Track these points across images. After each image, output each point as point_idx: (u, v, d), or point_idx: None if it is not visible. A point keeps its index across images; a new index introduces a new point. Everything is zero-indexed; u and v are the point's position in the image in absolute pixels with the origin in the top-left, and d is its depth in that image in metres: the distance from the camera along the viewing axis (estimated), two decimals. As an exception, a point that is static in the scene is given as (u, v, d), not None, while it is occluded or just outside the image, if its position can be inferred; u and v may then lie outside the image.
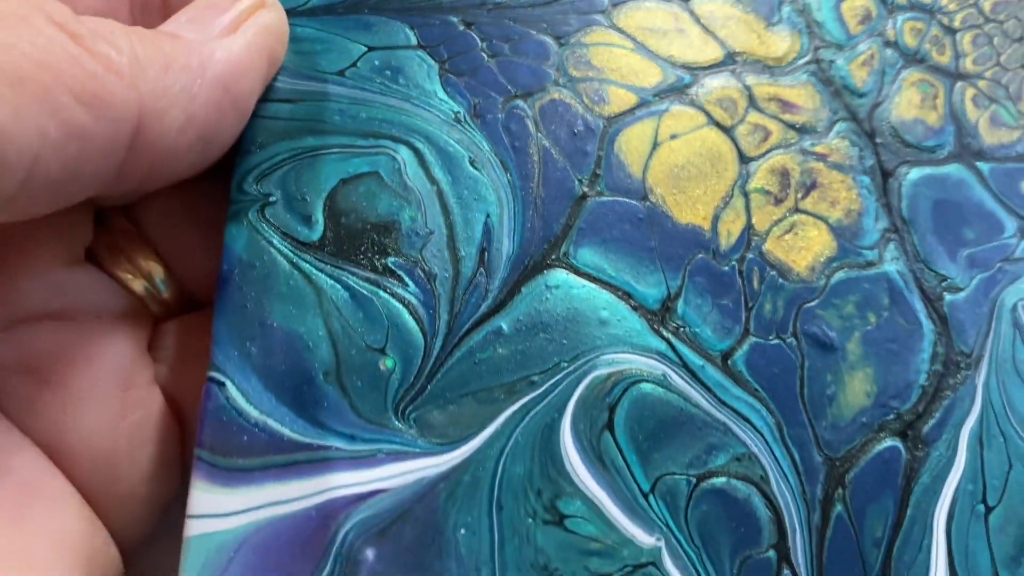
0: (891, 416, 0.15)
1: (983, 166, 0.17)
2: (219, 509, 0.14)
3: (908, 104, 0.17)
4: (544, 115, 0.16)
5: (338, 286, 0.15)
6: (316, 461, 0.14)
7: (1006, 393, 0.15)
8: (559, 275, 0.15)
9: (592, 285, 0.15)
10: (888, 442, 0.15)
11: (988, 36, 0.18)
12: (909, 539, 0.15)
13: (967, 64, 0.17)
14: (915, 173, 0.16)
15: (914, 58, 0.17)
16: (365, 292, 0.15)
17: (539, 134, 0.16)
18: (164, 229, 0.17)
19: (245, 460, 0.14)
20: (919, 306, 0.16)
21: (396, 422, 0.14)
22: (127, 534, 0.16)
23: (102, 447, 0.15)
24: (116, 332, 0.15)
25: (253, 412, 0.14)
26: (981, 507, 0.15)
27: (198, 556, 0.14)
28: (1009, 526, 0.15)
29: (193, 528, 0.14)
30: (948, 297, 0.16)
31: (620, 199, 0.16)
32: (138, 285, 0.16)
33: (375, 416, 0.14)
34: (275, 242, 0.15)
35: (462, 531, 0.14)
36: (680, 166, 0.16)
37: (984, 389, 0.15)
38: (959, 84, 0.17)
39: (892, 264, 0.16)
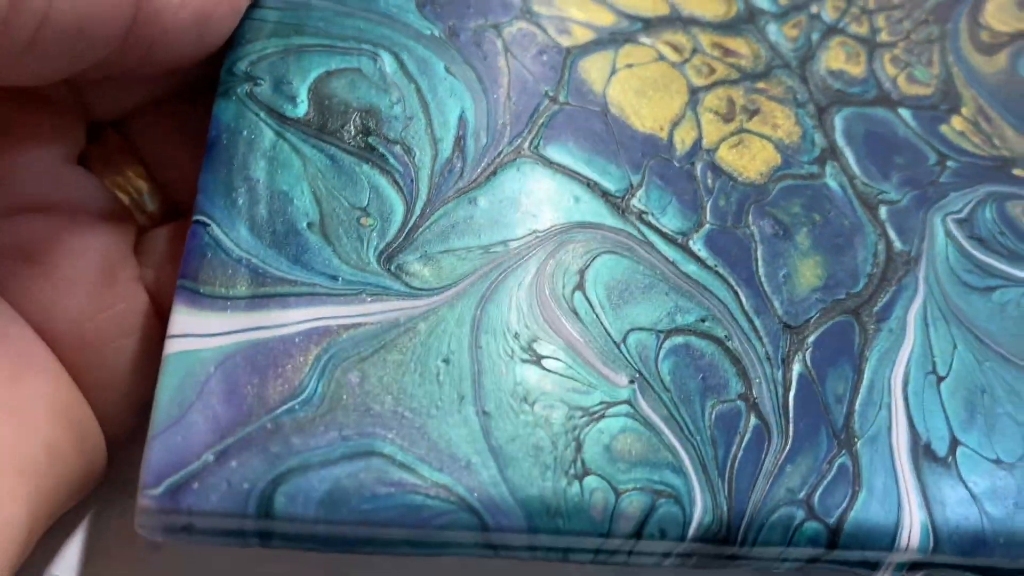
0: (842, 296, 0.24)
1: (904, 111, 0.28)
2: (200, 329, 0.20)
3: (834, 59, 0.28)
4: (512, 41, 0.26)
5: (322, 155, 0.23)
6: (300, 295, 0.21)
7: (943, 288, 0.25)
8: (530, 163, 0.24)
9: (561, 173, 0.24)
10: (841, 317, 0.24)
11: (898, 18, 0.30)
12: (870, 398, 0.23)
13: (883, 36, 0.29)
14: (846, 110, 0.27)
15: (836, 28, 0.29)
16: (348, 162, 0.23)
17: (508, 54, 0.26)
18: (153, 145, 0.25)
19: (228, 290, 0.21)
20: (860, 210, 0.25)
21: (379, 268, 0.22)
22: (109, 424, 0.22)
23: (88, 331, 0.22)
24: (104, 228, 0.23)
25: (237, 250, 0.21)
26: (933, 376, 0.23)
27: (176, 372, 0.20)
28: (959, 391, 0.23)
29: (173, 346, 0.20)
30: (884, 207, 0.26)
31: (584, 109, 0.25)
32: (125, 196, 0.24)
33: (358, 262, 0.22)
34: (262, 115, 0.23)
35: (443, 362, 0.21)
36: (636, 88, 0.26)
37: (925, 282, 0.25)
38: (877, 50, 0.29)
39: (832, 179, 0.26)
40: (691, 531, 0.20)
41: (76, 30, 0.19)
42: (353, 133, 0.23)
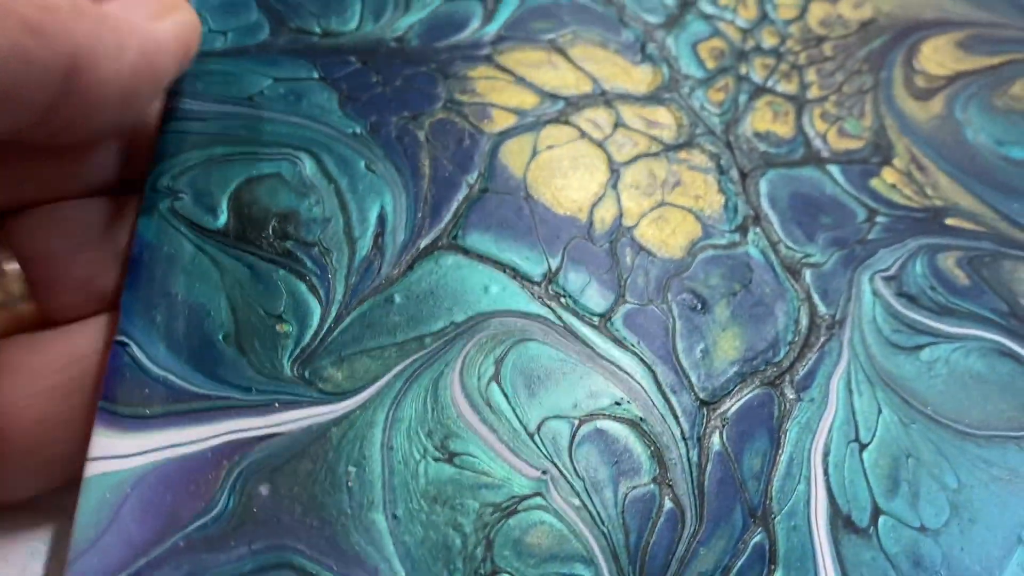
0: (763, 367, 0.24)
1: (833, 168, 0.27)
2: (118, 451, 0.21)
3: (761, 119, 0.28)
4: (434, 131, 0.26)
5: (240, 264, 0.23)
6: (214, 409, 0.22)
7: (869, 349, 0.24)
8: (449, 256, 0.24)
9: (480, 263, 0.24)
10: (760, 389, 0.23)
11: (830, 71, 0.29)
12: (788, 472, 0.22)
13: (813, 91, 0.28)
14: (772, 173, 0.27)
15: (764, 88, 0.28)
16: (265, 269, 0.23)
17: (429, 145, 0.26)
18: (35, 244, 0.25)
19: (145, 408, 0.21)
20: (782, 276, 0.25)
21: (292, 375, 0.22)
22: None
23: None
24: None
25: (154, 369, 0.22)
26: (855, 444, 0.23)
27: (94, 495, 0.21)
28: (883, 459, 0.23)
29: (92, 469, 0.21)
30: (808, 270, 0.25)
31: (504, 195, 0.25)
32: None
33: (272, 372, 0.22)
34: (182, 229, 0.24)
35: (353, 469, 0.21)
36: (557, 170, 0.26)
37: (849, 345, 0.24)
38: (807, 106, 0.28)
39: (753, 246, 0.25)
40: (601, 623, 0.20)
41: (3, 92, 0.19)
42: (271, 239, 0.24)
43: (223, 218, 0.24)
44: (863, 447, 0.23)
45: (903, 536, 0.22)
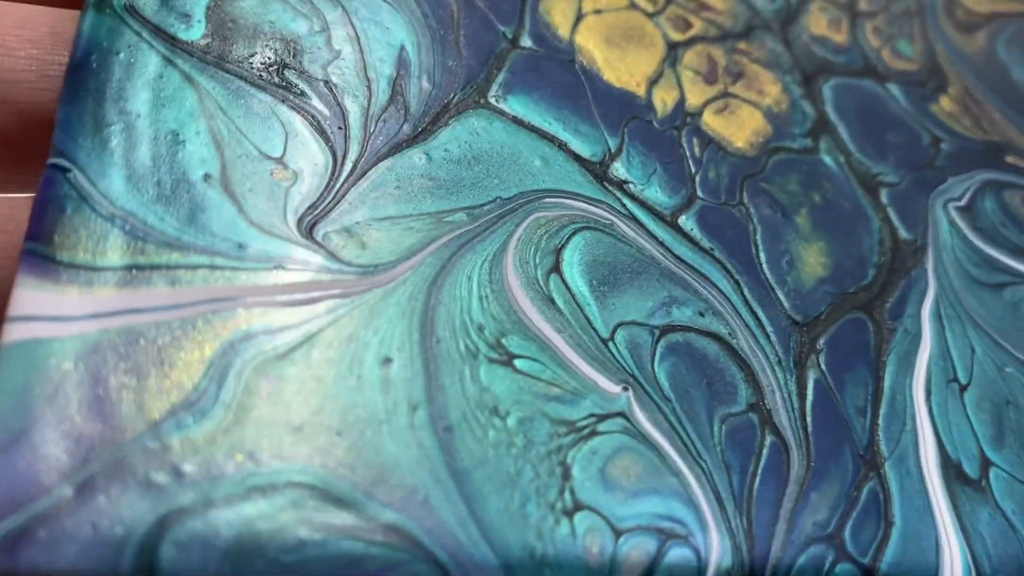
0: (852, 289, 0.20)
1: (892, 86, 0.24)
2: (54, 310, 0.14)
3: (816, 24, 0.24)
4: (459, -30, 0.20)
5: (223, 89, 0.17)
6: (194, 267, 0.15)
7: (953, 282, 0.21)
8: (488, 118, 0.19)
9: (525, 131, 0.19)
10: (854, 314, 0.19)
11: (876, -13, 0.26)
12: (892, 410, 0.18)
13: (862, 5, 0.25)
14: (834, 80, 0.23)
15: (816, -11, 0.25)
16: (257, 99, 0.17)
17: (455, -15, 0.20)
18: None
19: (96, 257, 0.15)
20: (860, 193, 0.21)
21: (298, 236, 0.16)
22: None
23: None
24: None
25: (108, 205, 0.15)
26: (955, 384, 0.19)
27: (18, 369, 0.14)
28: (984, 403, 0.19)
29: (14, 332, 0.14)
30: (884, 189, 0.21)
31: (549, 57, 0.20)
32: None
33: (272, 227, 0.16)
34: (144, 34, 0.17)
35: (389, 363, 0.15)
36: (608, 38, 0.21)
37: (935, 274, 0.21)
38: (859, 18, 0.25)
39: (827, 155, 0.21)
40: (708, 580, 0.15)
41: None
42: (264, 64, 0.17)
43: (200, 29, 0.17)
44: (963, 388, 0.19)
45: (1016, 491, 0.18)
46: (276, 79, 0.17)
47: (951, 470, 0.18)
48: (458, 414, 0.15)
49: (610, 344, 0.17)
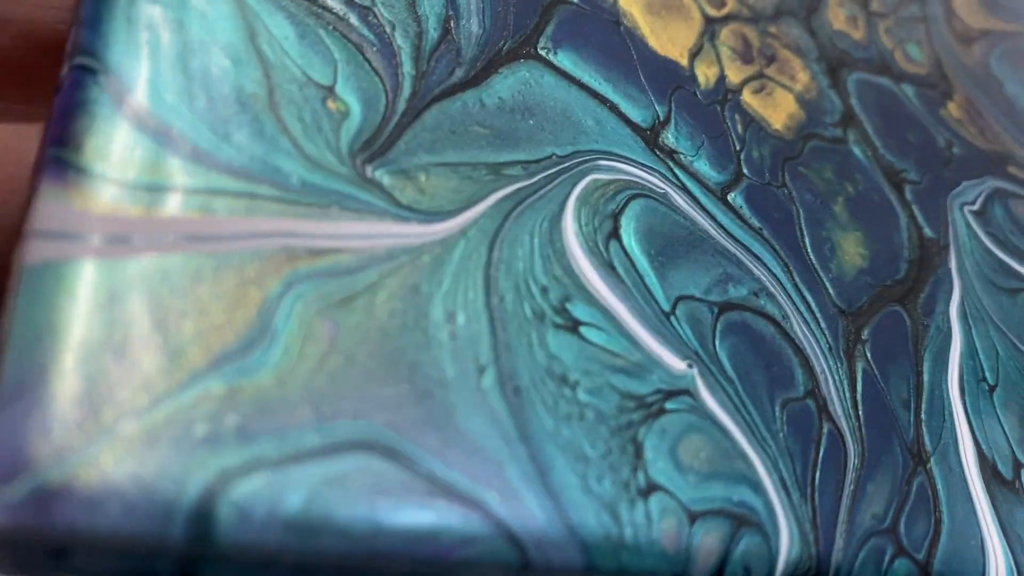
0: (888, 283, 0.19)
1: (907, 87, 0.23)
2: (86, 227, 0.12)
3: (836, 18, 0.23)
4: (500, -85, 0.19)
5: (270, 6, 0.15)
6: (247, 195, 0.13)
7: (973, 284, 0.20)
8: (540, 70, 0.17)
9: (577, 89, 0.18)
10: (892, 307, 0.19)
11: (885, -9, 0.26)
12: (932, 405, 0.18)
13: (874, 5, 0.25)
14: (856, 75, 0.22)
15: (833, -16, 0.24)
16: (306, 23, 0.15)
17: (498, -70, 0.19)
18: None
19: (132, 173, 0.13)
20: (887, 188, 0.21)
21: (354, 174, 0.14)
22: None
23: None
24: None
25: (147, 113, 0.13)
26: (984, 384, 0.19)
27: (45, 293, 0.11)
28: (1011, 404, 0.19)
29: (38, 252, 0.12)
30: (908, 187, 0.21)
31: (595, 14, 0.19)
32: None
33: (327, 161, 0.14)
34: (178, -67, 0.15)
35: (454, 319, 0.14)
36: (648, 3, 0.20)
37: (960, 274, 0.20)
38: (873, 18, 0.24)
39: (856, 147, 0.21)
40: (779, 570, 0.14)
41: None
42: (310, -16, 0.15)
43: (239, -64, 0.15)
44: (991, 389, 0.19)
45: (1045, 495, 0.18)
46: (322, 2, 0.15)
47: (988, 469, 0.17)
48: (527, 378, 0.14)
49: (671, 318, 0.16)
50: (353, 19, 0.16)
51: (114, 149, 0.12)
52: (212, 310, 0.12)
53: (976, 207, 0.22)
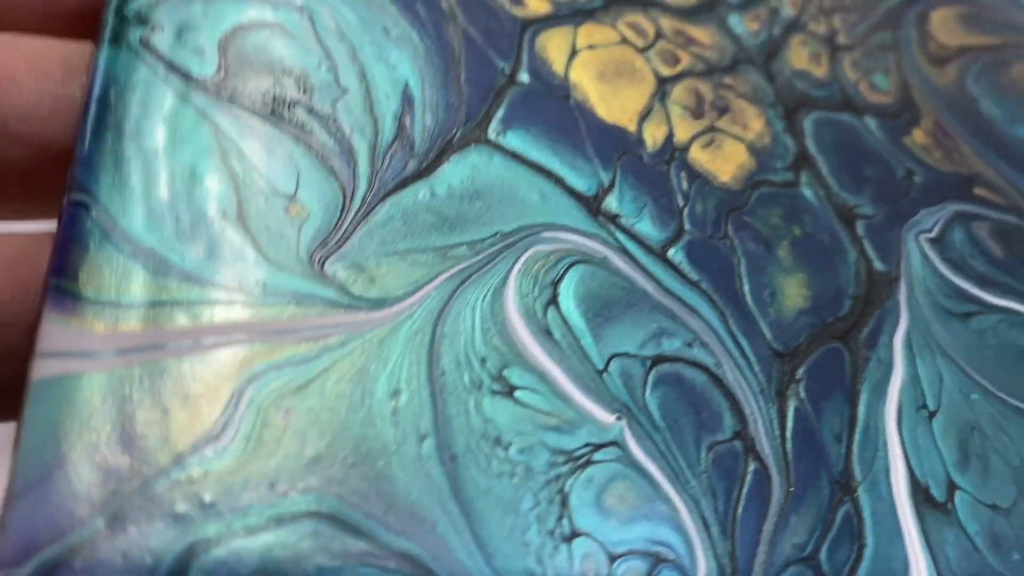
0: (829, 320, 0.21)
1: (869, 119, 0.25)
2: (82, 346, 0.15)
3: (797, 57, 0.25)
4: (462, 5, 0.21)
5: (238, 125, 0.18)
6: (213, 302, 0.16)
7: (923, 312, 0.22)
8: (489, 153, 0.19)
9: (524, 167, 0.20)
10: (832, 344, 0.20)
11: (854, 21, 0.27)
12: (866, 437, 0.19)
13: (841, 38, 0.26)
14: (815, 114, 0.24)
15: (796, 24, 0.26)
16: (271, 136, 0.18)
17: (455, 19, 0.21)
18: None
19: (120, 294, 0.15)
20: (837, 226, 0.22)
21: (311, 271, 0.17)
22: None
23: None
24: None
25: (130, 241, 0.16)
26: (924, 411, 0.20)
27: (50, 404, 0.14)
28: (951, 429, 0.20)
29: (45, 369, 0.15)
30: (861, 222, 0.23)
31: (546, 92, 0.21)
32: None
33: (287, 264, 0.17)
34: (160, 71, 0.18)
35: (397, 395, 0.16)
36: (600, 72, 0.22)
37: (907, 305, 0.22)
38: (838, 52, 0.26)
39: (807, 188, 0.22)
40: (695, 601, 0.16)
41: None
42: (278, 101, 0.18)
43: (212, 65, 0.18)
44: (931, 415, 0.20)
45: (980, 514, 0.19)
46: (287, 115, 0.18)
47: (920, 494, 0.19)
48: (463, 444, 0.16)
49: (604, 375, 0.18)
50: (315, 128, 0.18)
51: (105, 276, 0.15)
52: (189, 407, 0.15)
53: (933, 234, 0.23)
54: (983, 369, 0.21)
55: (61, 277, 0.15)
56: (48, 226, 0.17)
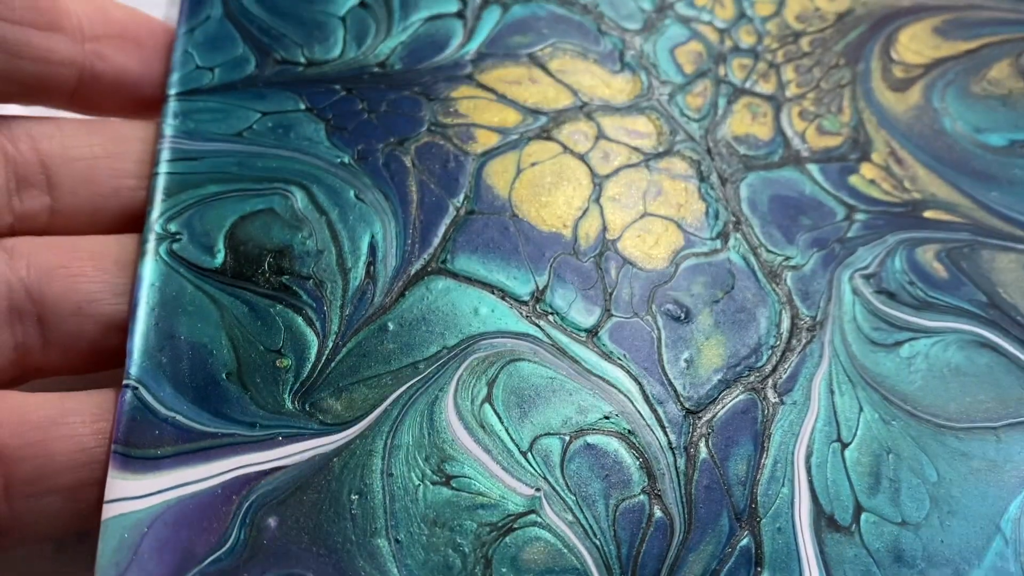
0: (745, 373, 0.24)
1: (812, 167, 0.27)
2: (132, 492, 0.22)
3: (740, 123, 0.28)
4: (419, 155, 0.27)
5: (238, 302, 0.24)
6: (220, 447, 0.23)
7: (849, 348, 0.25)
8: (439, 280, 0.25)
9: (469, 286, 0.25)
10: (745, 395, 0.24)
11: (808, 67, 0.29)
12: (773, 475, 0.23)
13: (791, 89, 0.29)
14: (751, 176, 0.27)
15: (742, 89, 0.29)
16: (262, 305, 0.24)
17: (415, 169, 0.26)
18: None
19: (156, 450, 0.22)
20: (763, 281, 0.25)
21: (293, 410, 0.23)
22: None
23: None
24: None
25: (162, 410, 0.23)
26: (837, 444, 0.24)
27: (114, 535, 0.22)
28: (864, 457, 0.23)
29: (109, 511, 0.22)
30: (789, 273, 0.26)
31: (490, 216, 0.26)
32: None
33: (274, 406, 0.23)
34: (181, 271, 0.25)
35: (356, 496, 0.22)
36: (541, 187, 0.27)
37: (830, 345, 0.25)
38: (785, 105, 0.28)
39: (735, 251, 0.26)
40: (597, 633, 0.21)
41: None
42: (267, 275, 0.24)
43: (220, 257, 0.25)
44: (845, 446, 0.23)
45: (885, 532, 0.22)
46: (275, 283, 0.24)
47: (822, 520, 0.22)
48: (406, 530, 0.22)
49: (528, 455, 0.23)
50: (297, 289, 0.24)
51: (146, 440, 0.22)
52: (205, 527, 0.22)
53: (870, 269, 0.26)
54: (908, 395, 0.24)
55: (117, 443, 0.22)
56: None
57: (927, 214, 0.27)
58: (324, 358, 0.24)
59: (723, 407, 0.24)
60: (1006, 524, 0.22)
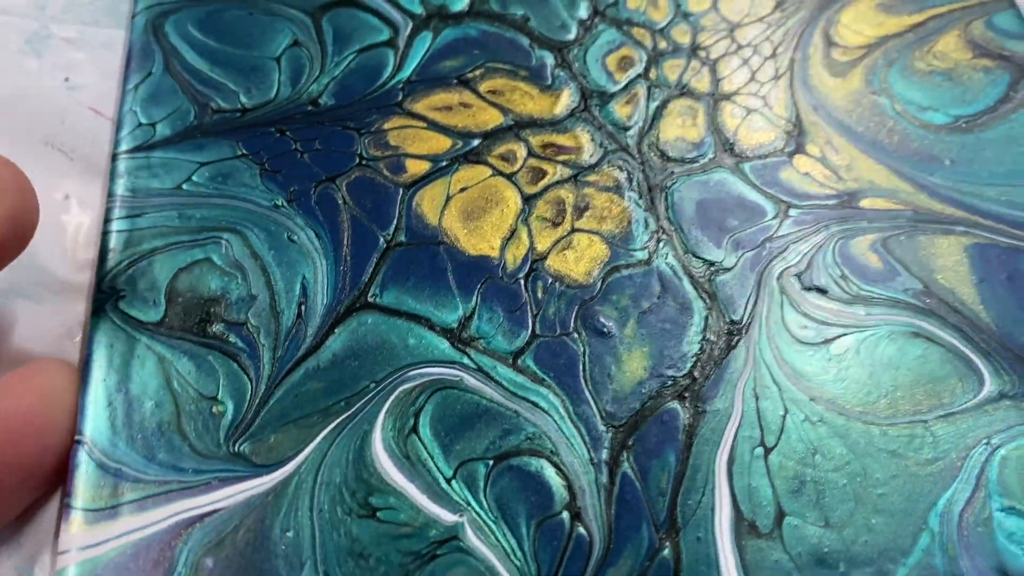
0: (669, 383, 0.25)
1: (744, 166, 0.28)
2: (84, 542, 0.24)
3: (670, 127, 0.29)
4: (350, 191, 0.28)
5: (178, 353, 0.26)
6: (162, 494, 0.25)
7: (777, 349, 0.25)
8: (368, 315, 0.27)
9: (397, 318, 0.27)
10: (668, 405, 0.25)
11: (743, 59, 0.30)
12: (692, 486, 0.24)
13: (725, 86, 0.29)
14: (680, 182, 0.28)
15: (674, 92, 0.29)
16: (201, 354, 0.26)
17: (347, 206, 0.28)
18: None
19: (104, 501, 0.25)
20: (688, 289, 0.26)
21: (227, 453, 0.25)
22: None
23: None
24: None
25: (108, 462, 0.25)
26: (760, 449, 0.24)
27: (67, 583, 0.24)
28: (788, 462, 0.24)
29: (64, 561, 0.24)
30: (716, 278, 0.26)
31: (419, 246, 0.27)
32: None
33: (210, 452, 0.25)
34: (127, 327, 0.27)
35: (287, 534, 0.24)
36: (469, 211, 0.28)
37: (756, 348, 0.25)
38: (719, 104, 0.29)
39: (662, 260, 0.27)
40: (517, 652, 0.23)
41: None
42: (204, 324, 0.26)
43: (161, 310, 0.27)
44: (768, 451, 0.24)
45: (807, 535, 0.23)
46: (212, 331, 0.26)
47: (743, 527, 0.23)
48: (334, 562, 0.24)
49: (452, 482, 0.24)
50: (232, 337, 0.26)
51: (91, 490, 0.25)
52: (151, 571, 0.24)
53: (800, 267, 0.26)
54: (836, 393, 0.25)
55: (69, 496, 0.25)
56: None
57: (864, 203, 0.27)
58: (257, 401, 0.25)
59: (645, 419, 0.25)
60: (934, 519, 0.23)
